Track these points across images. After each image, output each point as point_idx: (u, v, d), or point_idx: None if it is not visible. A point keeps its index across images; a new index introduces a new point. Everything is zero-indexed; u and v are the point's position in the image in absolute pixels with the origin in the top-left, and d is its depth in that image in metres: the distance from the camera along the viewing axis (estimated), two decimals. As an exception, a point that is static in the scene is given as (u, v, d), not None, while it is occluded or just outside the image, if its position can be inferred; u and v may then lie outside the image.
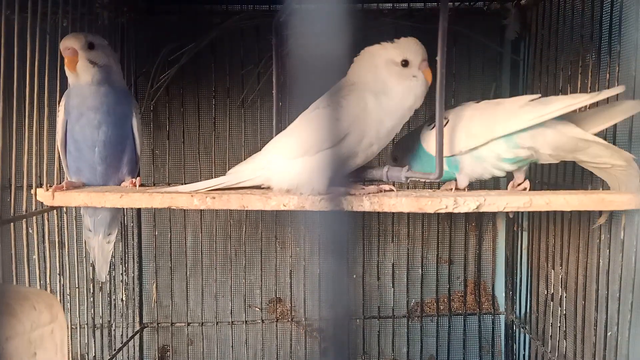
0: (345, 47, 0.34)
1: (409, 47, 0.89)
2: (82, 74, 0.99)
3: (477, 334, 1.46)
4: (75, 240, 1.13)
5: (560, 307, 1.11)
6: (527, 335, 1.34)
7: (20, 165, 0.94)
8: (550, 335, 1.16)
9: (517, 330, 1.39)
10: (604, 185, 0.95)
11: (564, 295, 1.11)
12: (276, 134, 1.03)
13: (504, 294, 1.44)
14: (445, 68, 0.86)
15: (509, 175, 0.99)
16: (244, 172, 0.95)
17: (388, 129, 0.90)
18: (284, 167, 0.90)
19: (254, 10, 1.33)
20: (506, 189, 1.00)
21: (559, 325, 1.12)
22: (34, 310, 0.60)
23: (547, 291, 1.18)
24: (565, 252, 1.09)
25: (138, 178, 1.04)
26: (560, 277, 1.12)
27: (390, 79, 0.88)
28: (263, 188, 0.96)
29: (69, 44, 0.98)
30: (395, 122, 0.90)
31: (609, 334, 0.95)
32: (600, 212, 0.96)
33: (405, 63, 0.88)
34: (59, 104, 1.03)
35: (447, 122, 0.93)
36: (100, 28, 1.18)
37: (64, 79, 1.02)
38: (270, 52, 1.17)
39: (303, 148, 0.88)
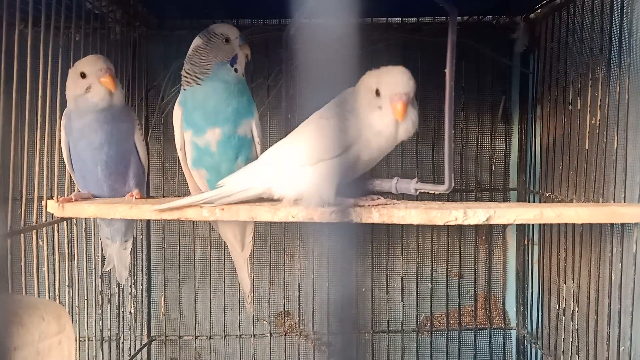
0: (352, 61, 0.34)
1: (385, 77, 0.85)
2: (116, 95, 1.00)
3: (488, 349, 1.44)
4: (84, 252, 1.14)
5: (572, 322, 1.10)
6: (539, 351, 1.32)
7: (31, 176, 0.95)
8: (563, 351, 1.14)
9: (529, 345, 1.37)
10: (615, 198, 0.94)
11: (576, 309, 1.09)
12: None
13: (514, 309, 1.43)
14: (454, 81, 0.86)
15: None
16: (242, 182, 0.92)
17: (378, 151, 0.88)
18: (289, 176, 0.89)
19: (263, 24, 1.34)
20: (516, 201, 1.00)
21: (571, 340, 1.10)
22: (43, 320, 0.61)
23: (559, 306, 1.17)
24: (577, 266, 1.08)
25: (136, 190, 1.04)
26: (572, 291, 1.10)
27: (362, 106, 0.86)
28: (264, 199, 0.95)
29: (108, 65, 0.99)
30: (383, 144, 0.87)
31: (621, 349, 0.94)
32: (612, 225, 0.95)
33: (377, 92, 0.85)
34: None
35: None
36: (113, 42, 1.19)
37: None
38: (279, 65, 1.17)
39: (309, 156, 0.87)
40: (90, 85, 0.99)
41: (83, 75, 0.99)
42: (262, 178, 0.91)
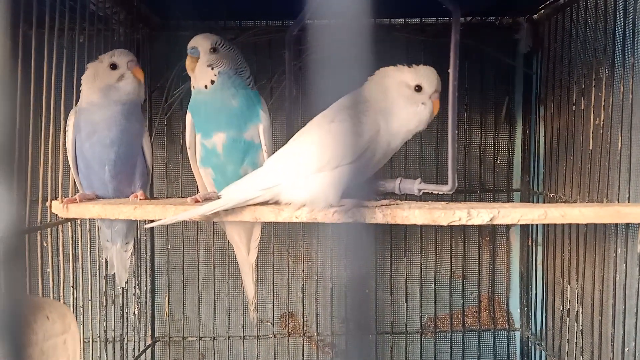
0: (360, 62, 0.34)
1: (426, 75, 0.89)
2: (141, 90, 1.06)
3: (492, 351, 1.44)
4: (89, 253, 1.14)
5: (577, 322, 1.10)
6: (543, 352, 1.31)
7: (35, 178, 0.95)
8: (567, 352, 1.14)
9: (533, 346, 1.37)
10: (619, 198, 0.94)
11: (580, 310, 1.09)
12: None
13: (518, 310, 1.42)
14: (458, 82, 0.86)
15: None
16: (249, 191, 0.91)
17: (392, 149, 0.91)
18: (298, 182, 0.89)
19: (267, 25, 1.34)
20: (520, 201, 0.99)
21: (575, 341, 1.10)
22: (47, 320, 0.61)
23: (563, 307, 1.16)
24: (581, 267, 1.08)
25: (140, 191, 1.04)
26: (576, 292, 1.10)
27: (398, 101, 0.89)
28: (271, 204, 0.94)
29: (135, 58, 1.06)
30: (398, 143, 0.91)
31: (626, 350, 0.93)
32: (617, 225, 0.94)
33: (418, 88, 0.89)
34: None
35: None
36: (116, 43, 1.19)
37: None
38: (283, 66, 1.18)
39: (322, 162, 0.87)
40: (123, 74, 1.03)
41: (114, 67, 1.03)
42: (270, 186, 0.90)
